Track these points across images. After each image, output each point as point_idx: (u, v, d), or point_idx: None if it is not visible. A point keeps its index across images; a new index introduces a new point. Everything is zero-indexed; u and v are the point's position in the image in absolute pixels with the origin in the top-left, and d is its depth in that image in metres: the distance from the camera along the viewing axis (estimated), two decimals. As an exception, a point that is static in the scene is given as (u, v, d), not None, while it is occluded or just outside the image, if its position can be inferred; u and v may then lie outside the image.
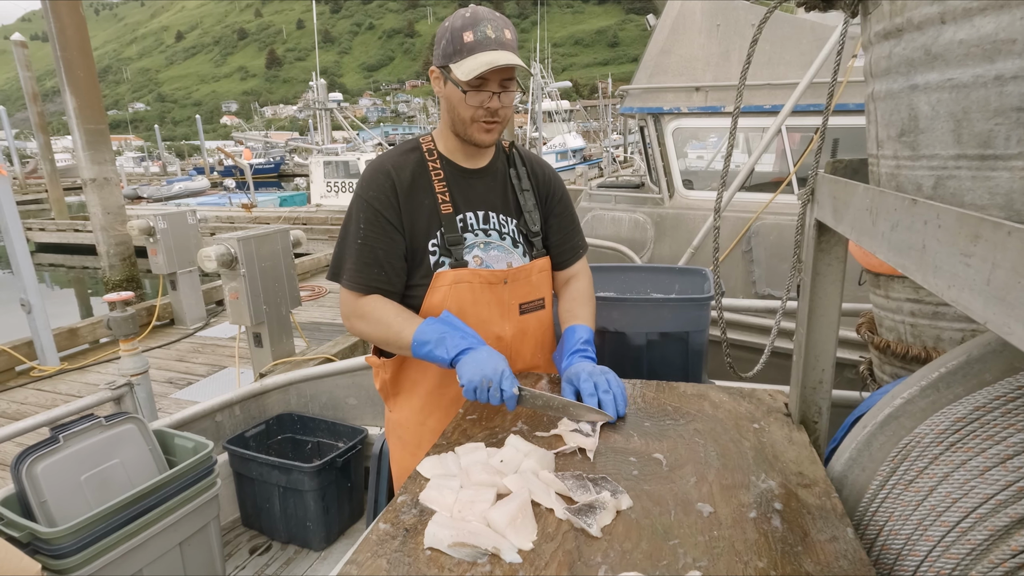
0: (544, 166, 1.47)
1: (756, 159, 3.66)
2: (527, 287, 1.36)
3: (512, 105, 1.26)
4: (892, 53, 0.69)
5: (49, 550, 1.47)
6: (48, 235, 14.04)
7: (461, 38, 1.17)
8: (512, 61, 1.16)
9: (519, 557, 0.75)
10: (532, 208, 1.38)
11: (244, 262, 4.06)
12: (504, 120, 1.25)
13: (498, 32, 1.17)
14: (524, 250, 1.36)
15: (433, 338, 1.17)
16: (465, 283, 1.27)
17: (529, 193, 1.39)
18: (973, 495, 0.73)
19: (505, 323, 1.33)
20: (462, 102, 1.21)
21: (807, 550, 0.76)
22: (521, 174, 1.39)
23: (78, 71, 6.94)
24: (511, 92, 1.23)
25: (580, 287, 1.45)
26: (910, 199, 0.56)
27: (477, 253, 1.30)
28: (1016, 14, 0.52)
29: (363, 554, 0.78)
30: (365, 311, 1.26)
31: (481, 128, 1.24)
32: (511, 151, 1.41)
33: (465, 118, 1.23)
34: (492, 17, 1.19)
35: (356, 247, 1.25)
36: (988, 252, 0.42)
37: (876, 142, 0.83)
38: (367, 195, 1.25)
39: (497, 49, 1.16)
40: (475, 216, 1.32)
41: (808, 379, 1.07)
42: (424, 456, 1.02)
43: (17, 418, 4.16)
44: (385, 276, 1.26)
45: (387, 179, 1.26)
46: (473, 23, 1.17)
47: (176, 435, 1.91)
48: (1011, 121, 0.55)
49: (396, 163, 1.28)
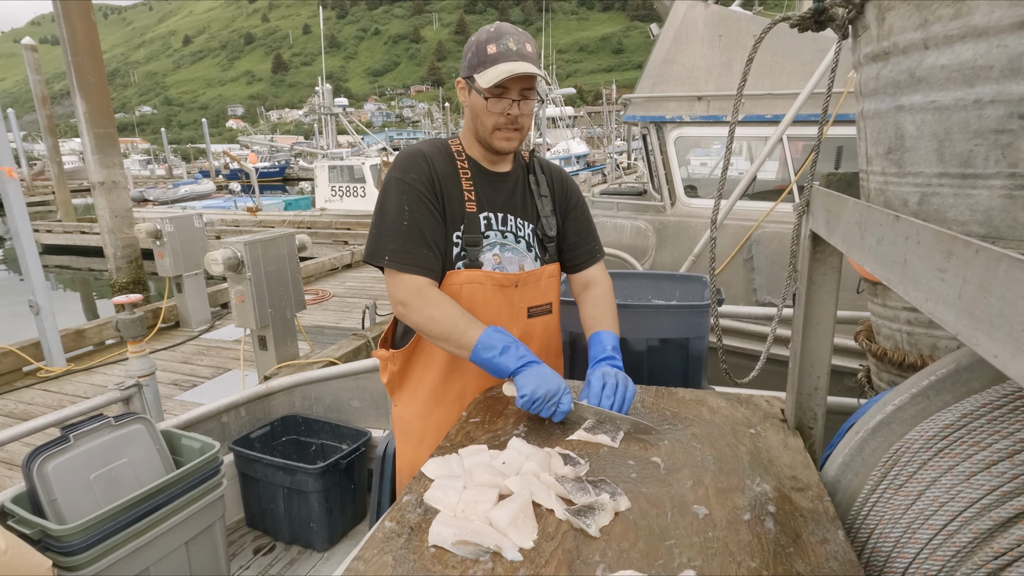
0: (562, 174, 1.53)
1: (756, 169, 3.69)
2: (536, 291, 1.40)
3: (531, 114, 1.32)
4: (880, 75, 0.72)
5: (59, 547, 1.50)
6: (55, 237, 14.15)
7: (485, 50, 1.26)
8: (530, 70, 1.23)
9: (520, 555, 0.78)
10: (549, 213, 1.44)
11: (250, 266, 4.11)
12: (524, 129, 1.32)
13: (519, 45, 1.25)
14: (537, 254, 1.41)
15: (500, 346, 1.19)
16: (477, 284, 1.31)
17: (547, 199, 1.45)
18: (959, 499, 0.76)
19: (512, 325, 1.36)
20: (484, 109, 1.28)
21: (799, 551, 0.78)
22: (540, 180, 1.46)
23: (88, 76, 7.03)
24: (530, 101, 1.30)
25: (602, 292, 1.48)
26: (894, 215, 0.59)
27: (497, 252, 1.35)
28: (993, 42, 0.55)
29: (370, 551, 0.81)
30: (431, 298, 1.25)
31: (502, 135, 1.30)
32: (531, 159, 1.49)
33: (488, 125, 1.29)
34: (514, 32, 1.27)
35: (402, 229, 1.26)
36: (960, 268, 0.45)
37: (866, 158, 0.86)
38: (408, 177, 1.28)
39: (518, 60, 1.24)
40: (496, 217, 1.37)
41: (804, 386, 1.09)
42: (427, 451, 1.05)
43: (24, 418, 4.21)
44: (435, 256, 1.28)
45: (426, 163, 1.31)
46: (497, 36, 1.26)
47: (183, 436, 1.94)
48: (989, 142, 0.58)
49: (431, 152, 1.34)
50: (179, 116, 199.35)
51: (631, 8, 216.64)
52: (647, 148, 4.91)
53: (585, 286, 1.50)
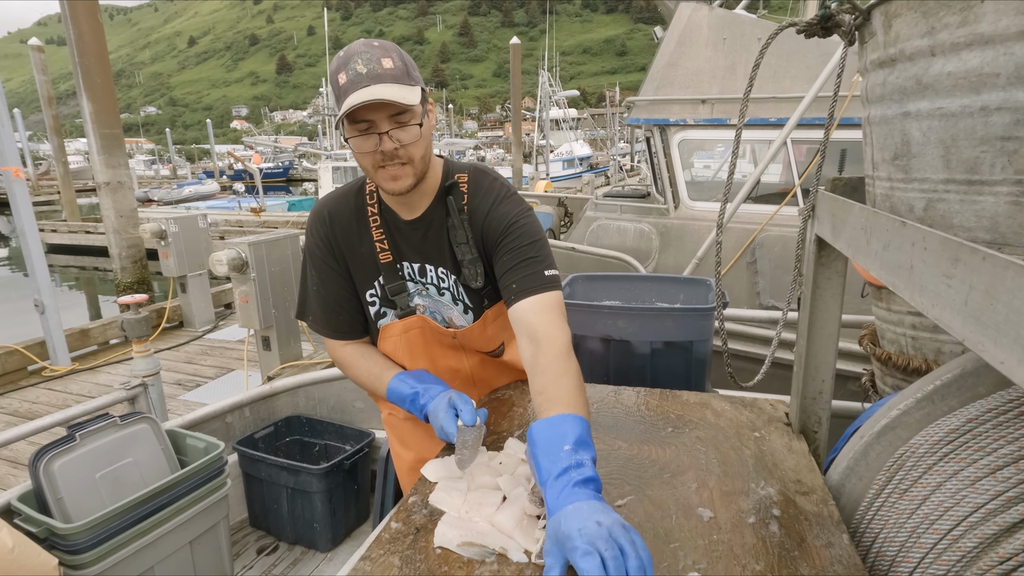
0: (484, 203, 1.17)
1: (760, 172, 3.69)
2: (482, 341, 1.27)
3: (419, 140, 1.05)
4: (886, 81, 0.73)
5: (65, 545, 1.50)
6: (60, 236, 14.21)
7: (338, 82, 1.02)
8: (379, 95, 0.96)
9: (526, 557, 0.79)
10: (470, 262, 1.17)
11: (254, 266, 4.13)
12: (413, 160, 1.06)
13: (371, 65, 0.99)
14: (464, 307, 1.22)
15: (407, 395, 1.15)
16: (416, 330, 1.24)
17: (466, 246, 1.17)
18: (964, 504, 0.76)
19: (467, 365, 1.31)
20: (358, 152, 1.05)
21: (803, 555, 0.78)
22: (455, 223, 1.17)
23: (95, 76, 7.07)
24: (407, 126, 1.03)
25: (549, 350, 1.00)
26: (900, 221, 0.60)
27: (419, 301, 1.24)
28: (1000, 50, 0.56)
29: (376, 551, 0.81)
30: (347, 360, 1.28)
31: (386, 175, 1.06)
32: (447, 197, 1.18)
33: (367, 166, 1.06)
34: (366, 49, 1.01)
35: (314, 292, 1.25)
36: (966, 275, 0.45)
37: (872, 164, 0.86)
38: (309, 243, 1.24)
39: (369, 84, 0.98)
40: (411, 267, 1.21)
41: (808, 390, 1.10)
42: (422, 452, 1.05)
43: (29, 417, 4.23)
44: (349, 318, 1.26)
45: (323, 226, 1.21)
46: (345, 62, 1.01)
47: (188, 435, 1.95)
48: (996, 149, 0.58)
49: (333, 209, 1.22)
50: (184, 117, 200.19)
51: (635, 11, 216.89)
52: (651, 151, 4.92)
53: (531, 339, 1.03)
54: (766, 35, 1.05)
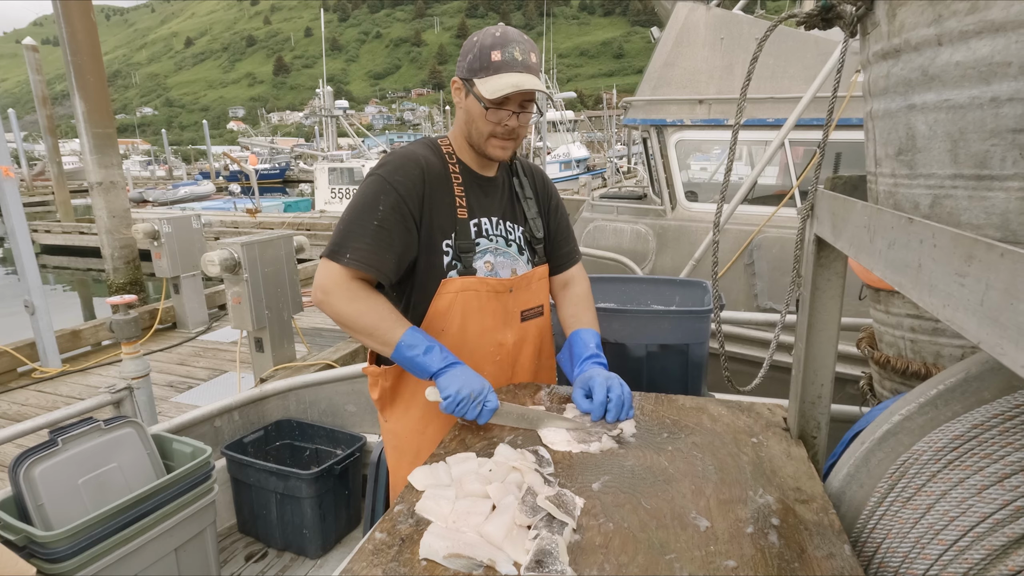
0: (543, 175, 1.53)
1: (758, 173, 3.67)
2: (528, 294, 1.40)
3: (528, 125, 1.31)
4: (890, 73, 0.70)
5: (45, 554, 1.46)
6: (53, 237, 14.13)
7: (489, 56, 1.21)
8: (536, 86, 1.20)
9: (515, 569, 0.75)
10: (535, 216, 1.44)
11: (247, 267, 4.08)
12: (519, 139, 1.31)
13: (525, 55, 1.21)
14: (528, 257, 1.41)
15: (423, 345, 1.17)
16: (472, 291, 1.30)
17: (532, 201, 1.44)
18: (971, 514, 0.73)
19: (507, 330, 1.37)
20: (482, 117, 1.24)
21: (804, 566, 0.75)
22: (524, 183, 1.45)
23: (88, 76, 7.02)
24: (529, 112, 1.28)
25: (580, 291, 1.49)
26: (907, 218, 0.57)
27: (489, 258, 1.33)
28: (1011, 37, 0.53)
29: (359, 563, 0.78)
30: (358, 293, 1.19)
31: (498, 144, 1.28)
32: (513, 162, 1.46)
33: (483, 132, 1.27)
34: (521, 40, 1.22)
35: (372, 228, 1.19)
36: (982, 273, 0.42)
37: (874, 160, 0.83)
38: (394, 179, 1.22)
39: (523, 72, 1.20)
40: (489, 221, 1.35)
41: (807, 394, 1.07)
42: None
43: (18, 419, 4.17)
44: (395, 266, 1.22)
45: (418, 169, 1.25)
46: (503, 43, 1.21)
47: (174, 440, 1.91)
48: (1007, 142, 0.55)
49: (426, 156, 1.29)
50: (180, 117, 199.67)
51: (632, 13, 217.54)
52: (647, 152, 4.89)
53: (564, 285, 1.51)
54: (766, 29, 1.02)
